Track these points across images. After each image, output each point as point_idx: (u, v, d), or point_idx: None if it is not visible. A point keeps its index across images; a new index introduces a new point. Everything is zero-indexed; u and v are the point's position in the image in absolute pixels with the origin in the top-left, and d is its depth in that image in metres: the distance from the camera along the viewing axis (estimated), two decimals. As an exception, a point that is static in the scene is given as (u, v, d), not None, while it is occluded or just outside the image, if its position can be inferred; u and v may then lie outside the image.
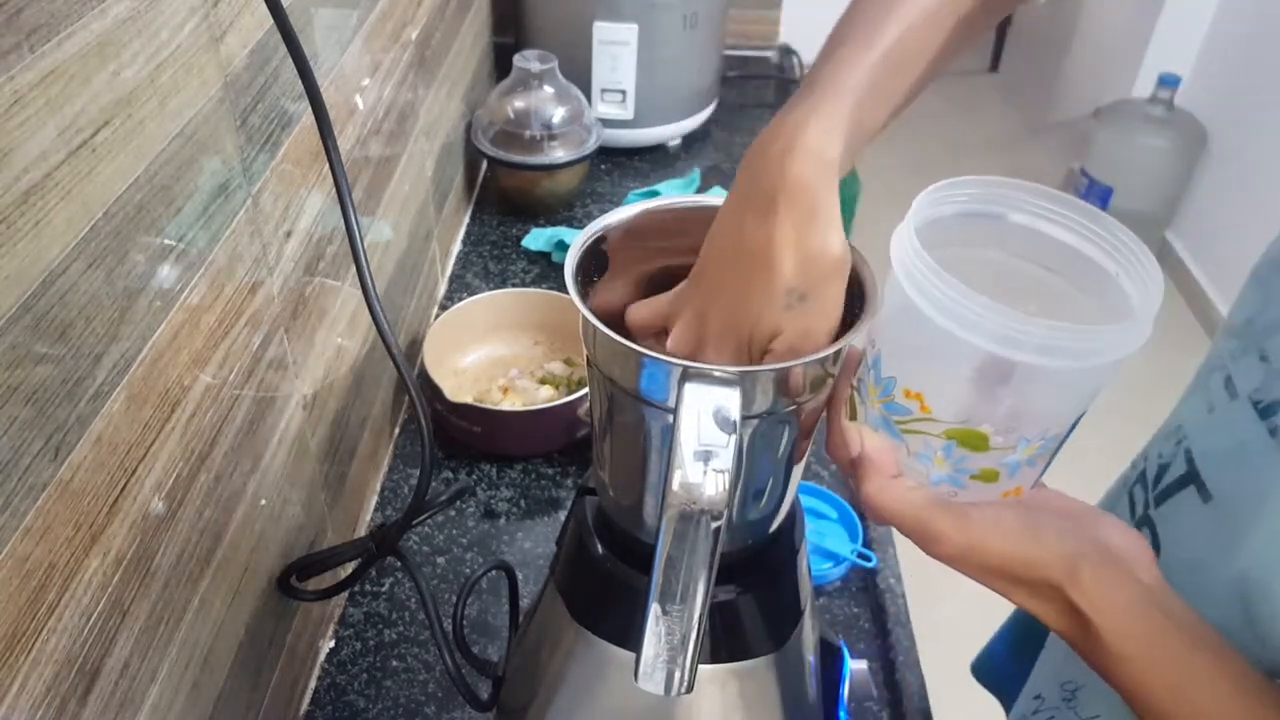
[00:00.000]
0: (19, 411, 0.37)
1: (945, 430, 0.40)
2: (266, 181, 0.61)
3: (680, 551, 0.40)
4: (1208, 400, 0.53)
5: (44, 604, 0.40)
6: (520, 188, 1.27)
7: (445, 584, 0.83)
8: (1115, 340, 0.36)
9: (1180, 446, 0.55)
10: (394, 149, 0.91)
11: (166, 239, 0.48)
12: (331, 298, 0.75)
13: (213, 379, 0.54)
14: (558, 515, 0.90)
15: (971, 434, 0.40)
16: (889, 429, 0.42)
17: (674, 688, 0.41)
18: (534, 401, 0.95)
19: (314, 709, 0.75)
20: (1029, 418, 0.39)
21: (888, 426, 0.42)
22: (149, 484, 0.48)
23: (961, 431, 0.40)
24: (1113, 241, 0.40)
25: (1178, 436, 0.56)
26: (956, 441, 0.40)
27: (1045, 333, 0.35)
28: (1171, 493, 0.55)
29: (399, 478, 0.94)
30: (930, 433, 0.40)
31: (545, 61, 1.23)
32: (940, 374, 0.39)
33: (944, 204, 0.41)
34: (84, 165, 0.40)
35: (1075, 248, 0.41)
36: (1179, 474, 0.54)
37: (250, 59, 0.57)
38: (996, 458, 0.40)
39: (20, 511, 0.38)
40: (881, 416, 0.42)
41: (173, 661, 0.52)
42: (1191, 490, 0.53)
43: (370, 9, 0.81)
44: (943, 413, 0.40)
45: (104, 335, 0.43)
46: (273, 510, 0.65)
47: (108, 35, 0.41)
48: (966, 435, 0.40)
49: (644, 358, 0.42)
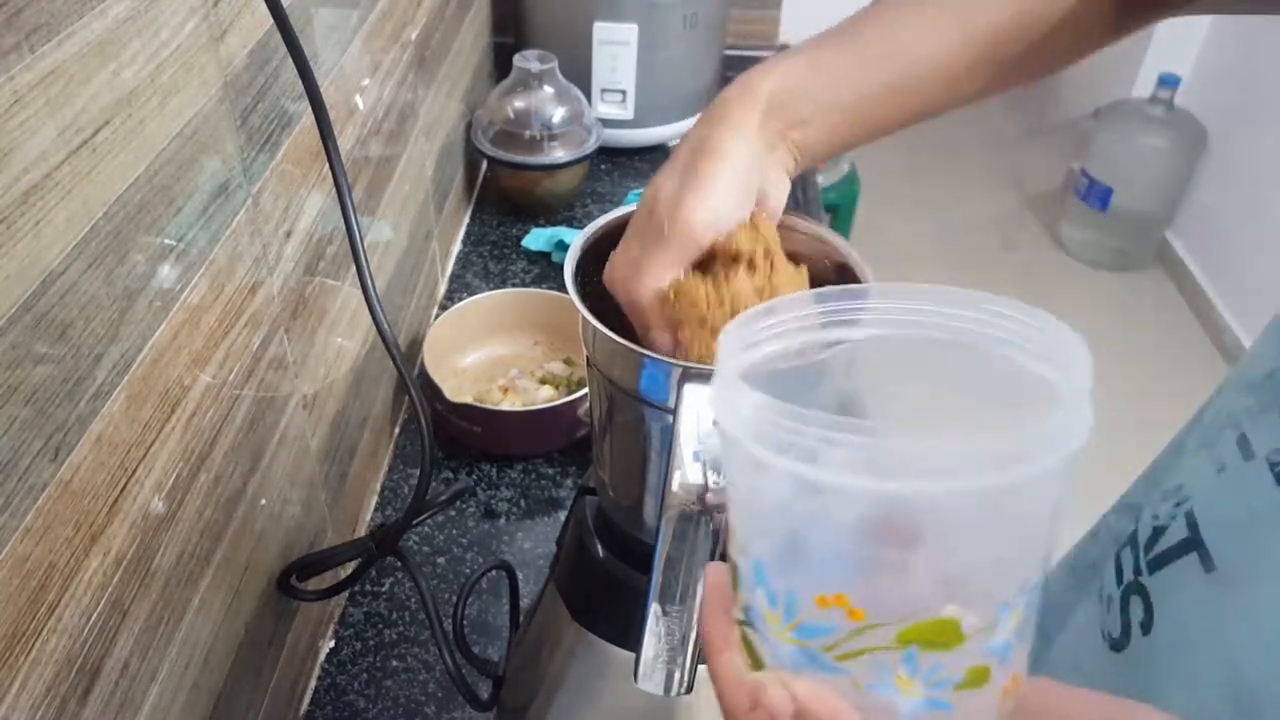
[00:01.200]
0: (19, 411, 0.37)
1: (898, 634, 0.27)
2: (266, 181, 0.61)
3: (680, 551, 0.40)
4: (1216, 459, 0.48)
5: (44, 604, 0.40)
6: (520, 188, 1.27)
7: (445, 584, 0.83)
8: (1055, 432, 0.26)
9: (1180, 509, 0.49)
10: (394, 149, 0.91)
11: (167, 239, 0.48)
12: (331, 298, 0.75)
13: (213, 379, 0.54)
14: (558, 515, 0.90)
15: (936, 626, 0.27)
16: (815, 664, 0.29)
17: (674, 688, 0.41)
18: (534, 401, 0.95)
19: (314, 709, 0.75)
20: (996, 571, 0.28)
21: (811, 661, 0.29)
22: (149, 484, 0.48)
23: (921, 628, 0.27)
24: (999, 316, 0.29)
25: (1177, 497, 0.50)
26: (919, 645, 0.28)
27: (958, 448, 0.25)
28: (1169, 559, 0.49)
29: (399, 477, 0.94)
30: (878, 645, 0.28)
31: (545, 61, 1.23)
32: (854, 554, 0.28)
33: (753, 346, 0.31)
34: (84, 165, 0.40)
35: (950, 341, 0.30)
36: (1178, 539, 0.48)
37: (250, 59, 0.57)
38: (979, 647, 0.28)
39: (20, 511, 0.38)
40: (798, 649, 0.29)
41: (173, 661, 0.52)
42: (1193, 559, 0.47)
43: (370, 9, 0.81)
44: (882, 609, 0.27)
45: (104, 335, 0.43)
46: (273, 510, 0.65)
47: (108, 35, 0.41)
48: (930, 630, 0.27)
49: (644, 358, 0.42)
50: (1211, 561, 0.46)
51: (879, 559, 0.28)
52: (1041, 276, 2.92)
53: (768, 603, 0.29)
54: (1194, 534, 0.47)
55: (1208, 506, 0.47)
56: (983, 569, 0.28)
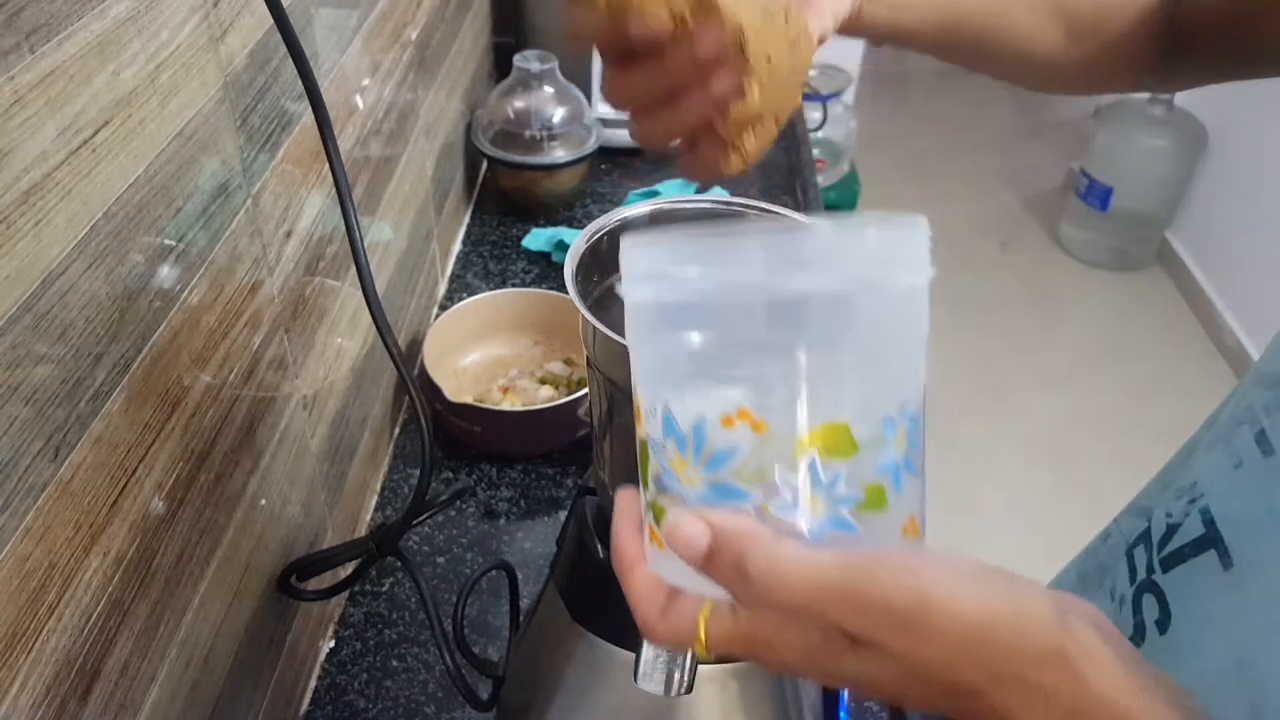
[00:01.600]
0: (19, 411, 0.37)
1: (798, 442, 0.30)
2: (266, 181, 0.61)
3: (680, 551, 0.40)
4: (1234, 456, 0.47)
5: (44, 604, 0.40)
6: (520, 188, 1.27)
7: (445, 584, 0.83)
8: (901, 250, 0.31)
9: (1195, 506, 0.49)
10: (394, 149, 0.91)
11: (166, 239, 0.48)
12: (331, 298, 0.75)
13: (213, 379, 0.54)
14: (558, 515, 0.90)
15: (830, 430, 0.30)
16: (724, 496, 0.31)
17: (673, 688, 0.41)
18: (534, 401, 0.95)
19: (314, 709, 0.75)
20: (870, 378, 0.31)
21: (721, 494, 0.31)
22: (149, 484, 0.48)
23: (817, 433, 0.30)
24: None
25: (1191, 495, 0.50)
26: (818, 452, 0.29)
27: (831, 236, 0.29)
28: (1185, 557, 0.48)
29: (399, 477, 0.94)
30: (779, 459, 0.30)
31: (545, 61, 1.23)
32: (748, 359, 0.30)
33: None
34: (84, 165, 0.40)
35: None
36: (1194, 536, 0.48)
37: (250, 59, 0.57)
38: (871, 461, 0.30)
39: (20, 512, 0.38)
40: (708, 487, 0.31)
41: (173, 661, 0.52)
42: (1211, 556, 0.46)
43: (370, 9, 0.81)
44: (782, 419, 0.30)
45: (104, 335, 0.43)
46: (273, 510, 0.65)
47: (108, 35, 0.41)
48: (825, 435, 0.30)
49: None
50: (1230, 559, 0.45)
51: (769, 351, 0.29)
52: (1041, 276, 2.92)
53: (678, 449, 0.31)
54: (1211, 530, 0.47)
55: (1225, 503, 0.47)
56: (857, 372, 0.30)
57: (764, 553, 0.29)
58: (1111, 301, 2.85)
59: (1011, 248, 3.04)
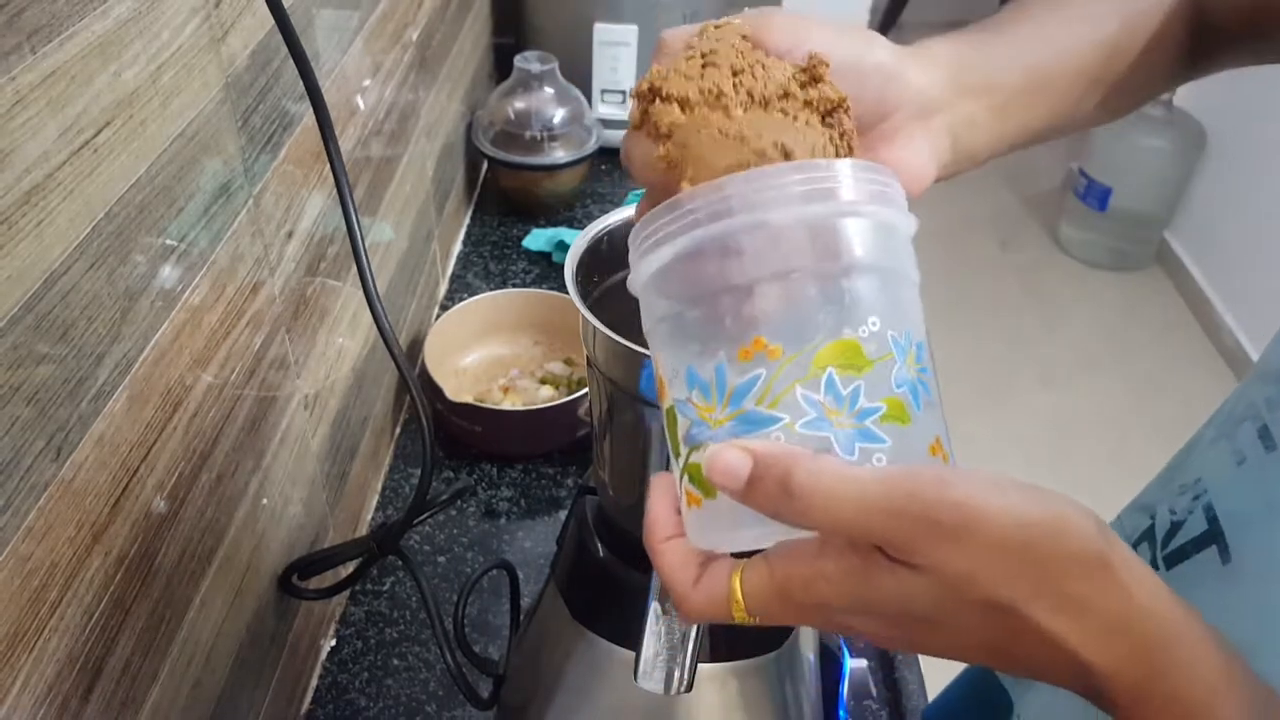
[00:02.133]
0: (21, 411, 0.37)
1: (814, 360, 0.31)
2: (268, 182, 0.61)
3: (680, 550, 0.40)
4: (1236, 452, 0.47)
5: (46, 603, 0.40)
6: (521, 188, 1.27)
7: (446, 583, 0.83)
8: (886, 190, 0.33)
9: (1198, 502, 0.49)
10: (395, 149, 0.91)
11: (168, 239, 0.48)
12: (333, 298, 0.75)
13: (214, 378, 0.54)
14: (558, 515, 0.91)
15: (842, 346, 0.31)
16: (753, 424, 0.31)
17: (673, 686, 0.41)
18: (534, 401, 0.95)
19: (315, 707, 0.75)
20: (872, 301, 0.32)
21: (749, 424, 0.31)
22: (151, 483, 0.48)
23: (830, 349, 0.31)
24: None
25: (1195, 491, 0.50)
26: (835, 368, 0.31)
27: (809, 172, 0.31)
28: (1188, 554, 0.48)
29: (400, 477, 0.94)
30: (799, 378, 0.31)
31: (546, 62, 1.23)
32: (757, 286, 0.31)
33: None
34: (86, 165, 0.40)
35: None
36: (1197, 532, 0.48)
37: (252, 60, 0.57)
38: (885, 375, 0.31)
39: (22, 511, 0.38)
40: (736, 422, 0.32)
41: (174, 660, 0.52)
42: (1212, 551, 0.46)
43: (371, 10, 0.81)
44: (793, 338, 0.31)
45: (106, 335, 0.43)
46: (274, 509, 0.65)
47: (109, 36, 0.42)
48: (838, 351, 0.31)
49: (644, 358, 0.42)
50: (1229, 553, 0.45)
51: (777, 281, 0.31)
52: (1040, 276, 2.92)
53: (703, 395, 0.32)
54: (1214, 526, 0.46)
55: (1227, 499, 0.47)
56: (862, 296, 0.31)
57: (806, 469, 0.29)
58: (1110, 302, 2.85)
59: (1010, 248, 3.04)
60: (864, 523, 0.29)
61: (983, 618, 0.29)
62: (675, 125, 0.34)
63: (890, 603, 0.30)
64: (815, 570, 0.31)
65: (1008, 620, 0.29)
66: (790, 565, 0.31)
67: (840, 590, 0.31)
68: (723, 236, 0.31)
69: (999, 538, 0.28)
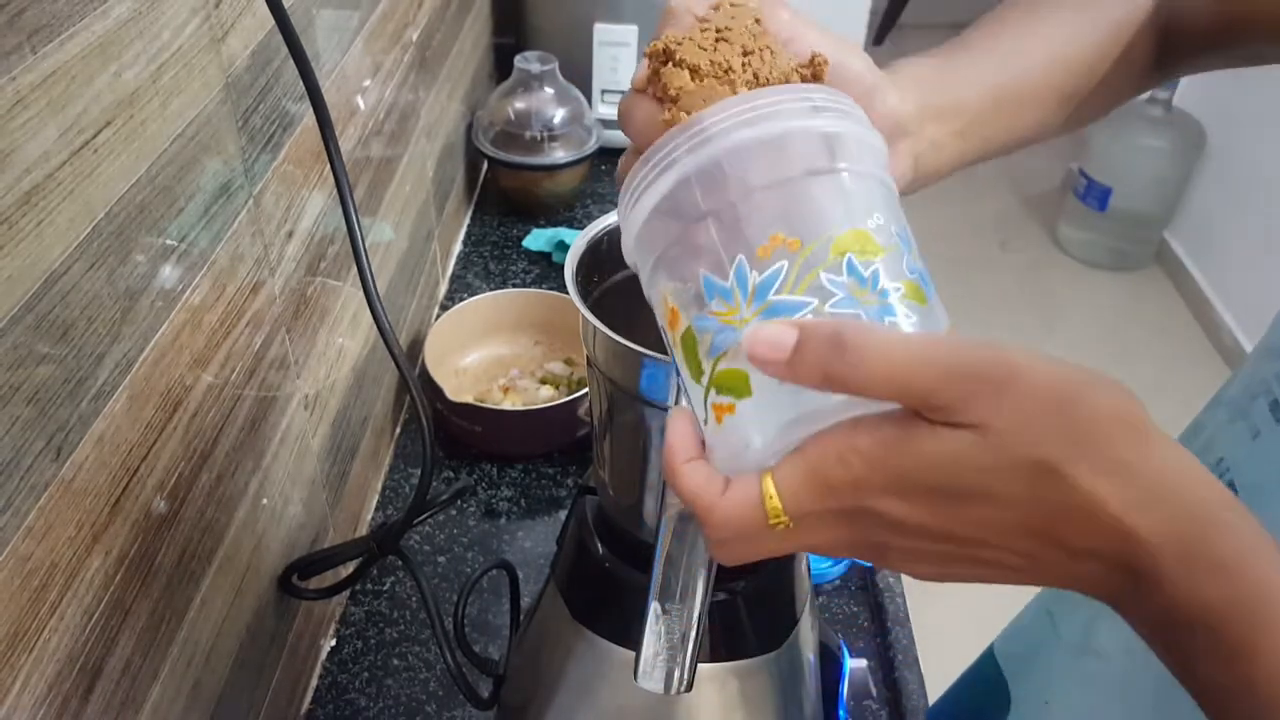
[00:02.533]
0: (21, 411, 0.37)
1: (831, 247, 0.31)
2: (268, 182, 0.61)
3: (680, 550, 0.40)
4: (1252, 427, 0.48)
5: (46, 603, 0.40)
6: (521, 188, 1.27)
7: (446, 583, 0.83)
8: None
9: (1223, 480, 0.49)
10: (395, 149, 0.91)
11: (168, 239, 0.48)
12: (333, 298, 0.75)
13: (215, 378, 0.54)
14: (558, 515, 0.91)
15: (855, 235, 0.32)
16: (781, 314, 0.32)
17: (673, 686, 0.41)
18: (534, 401, 0.95)
19: (315, 707, 0.75)
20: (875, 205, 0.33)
21: (777, 314, 0.32)
22: (151, 483, 0.48)
23: (845, 237, 0.32)
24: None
25: (1218, 471, 0.50)
26: (854, 253, 0.31)
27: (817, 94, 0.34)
28: None
29: (400, 477, 0.94)
30: (821, 264, 0.31)
31: (546, 63, 1.23)
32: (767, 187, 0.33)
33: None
34: (86, 166, 0.40)
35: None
36: None
37: (252, 60, 0.57)
38: (897, 260, 0.32)
39: (22, 511, 0.38)
40: (764, 314, 0.32)
41: (174, 660, 0.52)
42: None
43: (371, 10, 0.81)
44: (809, 231, 0.32)
45: (106, 335, 0.43)
46: (274, 509, 0.65)
47: (109, 36, 0.42)
48: (853, 239, 0.32)
49: (644, 358, 0.42)
50: None
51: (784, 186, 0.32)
52: (1040, 276, 2.92)
53: (724, 300, 0.32)
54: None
55: (1248, 473, 0.48)
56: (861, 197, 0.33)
57: (855, 327, 0.29)
58: (1110, 302, 2.85)
59: (1010, 248, 3.04)
60: (916, 375, 0.29)
61: (1028, 483, 0.29)
62: (684, 90, 0.35)
63: (933, 471, 0.29)
64: (849, 444, 0.30)
65: (1051, 485, 0.28)
66: (823, 444, 0.31)
67: (877, 464, 0.30)
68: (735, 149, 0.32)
69: (1044, 392, 0.28)
